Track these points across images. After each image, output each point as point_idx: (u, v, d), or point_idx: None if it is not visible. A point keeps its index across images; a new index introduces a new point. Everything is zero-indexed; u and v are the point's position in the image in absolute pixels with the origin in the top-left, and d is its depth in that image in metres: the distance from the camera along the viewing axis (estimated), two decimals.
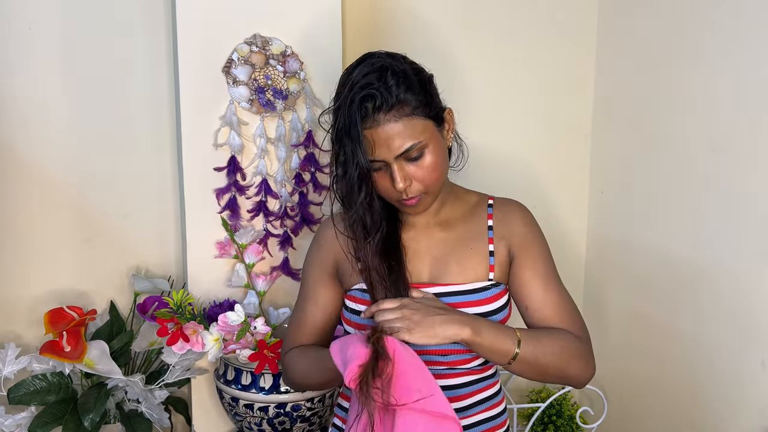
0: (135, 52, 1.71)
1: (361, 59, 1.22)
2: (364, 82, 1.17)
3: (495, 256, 1.28)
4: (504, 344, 1.18)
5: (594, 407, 1.91)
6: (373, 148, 1.17)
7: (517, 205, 1.34)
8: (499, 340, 1.18)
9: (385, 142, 1.17)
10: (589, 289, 2.00)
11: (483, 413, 1.28)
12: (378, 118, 1.16)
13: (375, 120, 1.16)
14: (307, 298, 1.35)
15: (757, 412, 1.43)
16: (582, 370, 1.24)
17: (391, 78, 1.17)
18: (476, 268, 1.28)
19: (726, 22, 1.47)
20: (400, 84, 1.17)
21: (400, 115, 1.17)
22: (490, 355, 1.20)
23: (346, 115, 1.17)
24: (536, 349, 1.20)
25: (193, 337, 1.51)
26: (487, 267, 1.28)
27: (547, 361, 1.21)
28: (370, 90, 1.16)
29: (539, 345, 1.20)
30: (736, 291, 1.47)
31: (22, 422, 1.54)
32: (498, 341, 1.18)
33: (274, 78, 1.63)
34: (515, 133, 1.91)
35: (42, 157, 1.68)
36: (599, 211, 1.94)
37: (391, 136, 1.16)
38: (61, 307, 1.60)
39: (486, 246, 1.29)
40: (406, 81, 1.18)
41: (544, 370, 1.22)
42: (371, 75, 1.17)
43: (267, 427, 1.59)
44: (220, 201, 1.65)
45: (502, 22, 1.87)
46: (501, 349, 1.18)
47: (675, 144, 1.63)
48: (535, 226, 1.32)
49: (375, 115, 1.16)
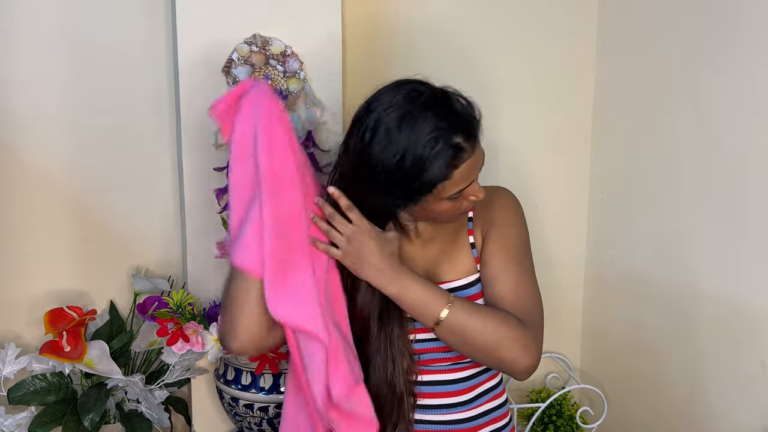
0: (135, 52, 1.71)
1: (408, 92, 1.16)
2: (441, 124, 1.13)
3: (476, 247, 1.28)
4: (430, 306, 1.17)
5: (594, 407, 1.91)
6: (468, 177, 1.17)
7: (499, 190, 1.33)
8: (426, 302, 1.17)
9: (476, 166, 1.18)
10: (589, 289, 2.00)
11: (487, 404, 1.30)
12: (472, 146, 1.16)
13: (471, 151, 1.16)
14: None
15: (757, 412, 1.43)
16: (516, 356, 1.18)
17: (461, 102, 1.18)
18: (464, 263, 1.28)
19: (726, 22, 1.47)
20: (472, 110, 1.19)
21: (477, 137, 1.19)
22: (416, 315, 1.19)
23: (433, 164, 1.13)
24: (465, 321, 1.17)
25: (193, 337, 1.51)
26: (472, 260, 1.28)
27: (476, 336, 1.18)
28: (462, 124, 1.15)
29: (471, 317, 1.17)
30: (737, 291, 1.47)
31: (22, 422, 1.54)
32: (424, 302, 1.17)
33: (274, 78, 1.63)
34: (515, 133, 1.90)
35: (42, 158, 1.68)
36: (599, 212, 1.94)
37: (479, 158, 1.19)
38: (61, 307, 1.60)
39: (467, 238, 1.29)
40: (471, 106, 1.20)
41: (472, 344, 1.18)
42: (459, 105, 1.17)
43: (267, 427, 1.59)
44: (220, 201, 1.65)
45: (502, 22, 1.87)
46: (425, 310, 1.18)
47: (675, 144, 1.63)
48: (511, 208, 1.30)
49: (472, 147, 1.16)
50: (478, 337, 1.17)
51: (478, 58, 1.87)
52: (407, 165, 1.12)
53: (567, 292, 2.00)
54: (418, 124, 1.12)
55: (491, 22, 1.86)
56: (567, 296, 2.01)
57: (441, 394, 1.27)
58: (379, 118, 1.14)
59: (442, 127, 1.12)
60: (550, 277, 1.90)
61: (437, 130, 1.12)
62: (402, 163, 1.12)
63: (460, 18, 1.85)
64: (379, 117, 1.14)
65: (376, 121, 1.14)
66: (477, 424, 1.28)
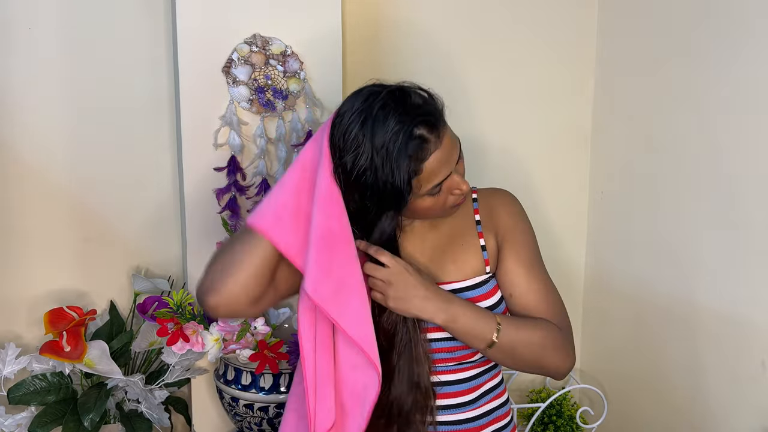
0: (135, 52, 1.71)
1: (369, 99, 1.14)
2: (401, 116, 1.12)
3: (487, 250, 1.29)
4: (482, 331, 1.19)
5: (594, 407, 1.91)
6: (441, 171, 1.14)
7: (501, 193, 1.33)
8: (478, 327, 1.18)
9: (448, 157, 1.15)
10: (589, 289, 2.00)
11: (490, 403, 1.31)
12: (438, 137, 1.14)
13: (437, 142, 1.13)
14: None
15: (757, 412, 1.43)
16: (560, 362, 1.24)
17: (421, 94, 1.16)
18: (472, 263, 1.28)
19: (726, 22, 1.47)
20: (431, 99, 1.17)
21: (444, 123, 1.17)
22: (469, 341, 1.20)
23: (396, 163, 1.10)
24: (515, 338, 1.20)
25: (193, 337, 1.51)
26: (482, 261, 1.29)
27: (525, 351, 1.21)
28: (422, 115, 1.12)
29: (518, 334, 1.20)
30: (736, 291, 1.48)
31: (22, 422, 1.54)
32: (476, 328, 1.18)
33: (274, 78, 1.63)
34: (515, 133, 1.91)
35: (42, 157, 1.68)
36: (599, 212, 1.94)
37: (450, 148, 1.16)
38: (61, 307, 1.60)
39: (477, 240, 1.29)
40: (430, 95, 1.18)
41: (520, 358, 1.22)
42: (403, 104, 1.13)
43: (267, 427, 1.59)
44: (220, 201, 1.65)
45: (502, 22, 1.87)
46: (478, 336, 1.19)
47: (675, 144, 1.63)
48: (520, 214, 1.32)
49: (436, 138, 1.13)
50: (526, 351, 1.21)
51: (478, 59, 1.87)
52: (379, 167, 1.11)
53: (567, 292, 1.98)
54: (378, 124, 1.11)
55: (491, 22, 1.86)
56: (567, 296, 1.97)
57: (445, 394, 1.27)
58: (344, 129, 1.14)
59: (401, 121, 1.11)
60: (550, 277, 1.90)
61: (397, 125, 1.11)
62: (374, 167, 1.11)
63: (460, 19, 1.85)
64: (344, 129, 1.14)
65: (343, 134, 1.14)
66: (481, 424, 1.29)
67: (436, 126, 1.14)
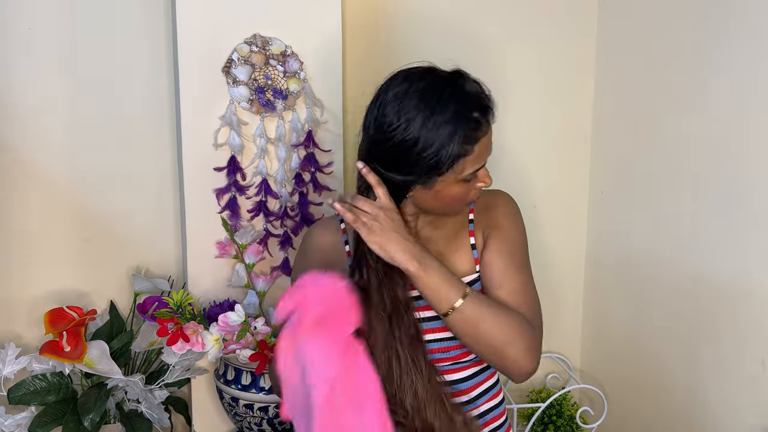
0: (135, 52, 1.71)
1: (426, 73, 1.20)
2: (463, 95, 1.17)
3: (477, 249, 1.29)
4: (448, 291, 1.16)
5: (594, 407, 1.91)
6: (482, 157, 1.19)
7: (499, 194, 1.34)
8: (445, 286, 1.16)
9: (488, 146, 1.21)
10: (589, 289, 2.00)
11: (487, 403, 1.31)
12: (488, 123, 1.20)
13: (486, 129, 1.19)
14: None
15: (757, 412, 1.43)
16: (523, 357, 1.18)
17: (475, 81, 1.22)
18: (463, 263, 1.28)
19: (726, 22, 1.48)
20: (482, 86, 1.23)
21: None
22: (431, 298, 1.17)
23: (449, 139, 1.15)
24: (481, 311, 1.17)
25: (193, 337, 1.51)
26: (472, 260, 1.28)
27: (488, 328, 1.16)
28: (479, 99, 1.19)
29: (487, 309, 1.17)
30: (736, 291, 1.48)
31: (22, 422, 1.54)
32: (443, 286, 1.16)
33: (274, 78, 1.63)
34: (515, 133, 1.90)
35: (42, 158, 1.68)
36: (599, 212, 1.94)
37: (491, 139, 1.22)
38: (61, 307, 1.60)
39: (467, 239, 1.30)
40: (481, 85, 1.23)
41: (483, 336, 1.17)
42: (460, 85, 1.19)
43: (267, 427, 1.59)
44: (220, 201, 1.65)
45: (502, 22, 1.87)
46: (443, 294, 1.16)
47: (675, 144, 1.63)
48: (513, 215, 1.31)
49: (487, 125, 1.19)
50: (490, 330, 1.17)
51: (478, 59, 1.87)
52: (429, 141, 1.14)
53: (567, 292, 2.00)
54: (437, 101, 1.15)
55: (491, 22, 1.86)
56: (567, 296, 2.01)
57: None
58: (398, 96, 1.17)
59: (462, 101, 1.16)
60: (550, 277, 1.90)
61: (457, 105, 1.16)
62: (423, 140, 1.15)
63: (460, 19, 1.85)
64: (397, 95, 1.17)
65: (396, 98, 1.17)
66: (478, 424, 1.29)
67: (487, 113, 1.20)
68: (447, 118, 1.14)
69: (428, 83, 1.17)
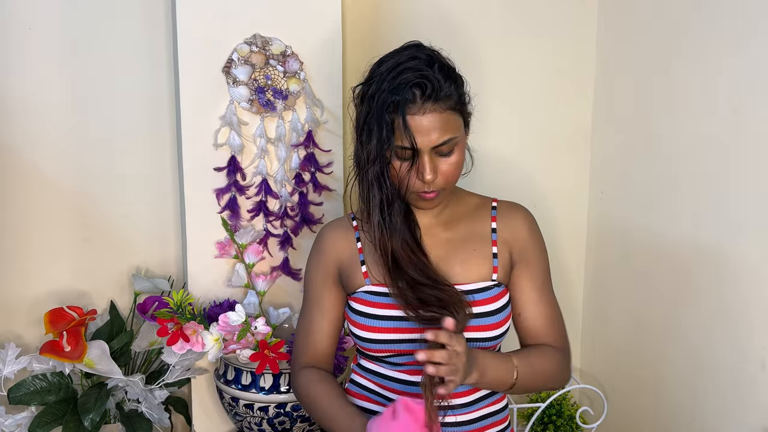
0: (135, 52, 1.71)
1: (407, 46, 1.23)
2: (414, 66, 1.18)
3: (499, 259, 1.31)
4: (504, 378, 1.24)
5: (594, 407, 1.91)
6: (411, 135, 1.17)
7: (521, 210, 1.36)
8: (499, 376, 1.23)
9: (426, 131, 1.17)
10: (589, 289, 2.00)
11: (488, 407, 1.31)
12: (425, 106, 1.17)
13: (422, 107, 1.17)
14: (313, 306, 1.36)
15: (757, 412, 1.43)
16: (561, 382, 1.34)
17: (440, 70, 1.19)
18: (479, 269, 1.30)
19: (725, 23, 1.48)
20: (448, 77, 1.20)
21: (444, 108, 1.18)
22: (495, 388, 1.26)
23: (386, 97, 1.17)
24: (530, 376, 1.27)
25: (193, 337, 1.51)
26: (490, 268, 1.30)
27: (537, 382, 1.30)
28: (422, 74, 1.17)
29: (533, 372, 1.27)
30: (736, 291, 1.48)
31: (22, 422, 1.54)
32: (498, 378, 1.23)
33: (274, 78, 1.63)
34: (515, 133, 1.91)
35: (42, 158, 1.68)
36: (599, 212, 1.94)
37: (433, 127, 1.18)
38: (61, 307, 1.60)
39: (489, 248, 1.31)
40: (452, 76, 1.21)
41: (534, 387, 1.31)
42: (421, 62, 1.19)
43: (267, 427, 1.59)
44: (220, 201, 1.65)
45: (502, 22, 1.87)
46: (501, 381, 1.24)
47: (675, 144, 1.63)
48: (538, 234, 1.35)
49: (423, 103, 1.17)
50: (539, 381, 1.30)
51: (478, 59, 1.87)
52: (378, 102, 1.18)
53: (567, 293, 2.00)
54: (393, 61, 1.20)
55: (491, 22, 1.86)
56: (567, 297, 2.01)
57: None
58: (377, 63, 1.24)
59: (406, 68, 1.18)
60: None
61: (399, 66, 1.18)
62: (375, 101, 1.19)
63: (460, 19, 1.85)
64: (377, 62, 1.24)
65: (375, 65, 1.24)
66: (477, 427, 1.29)
67: (429, 96, 1.17)
68: (391, 78, 1.18)
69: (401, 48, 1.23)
